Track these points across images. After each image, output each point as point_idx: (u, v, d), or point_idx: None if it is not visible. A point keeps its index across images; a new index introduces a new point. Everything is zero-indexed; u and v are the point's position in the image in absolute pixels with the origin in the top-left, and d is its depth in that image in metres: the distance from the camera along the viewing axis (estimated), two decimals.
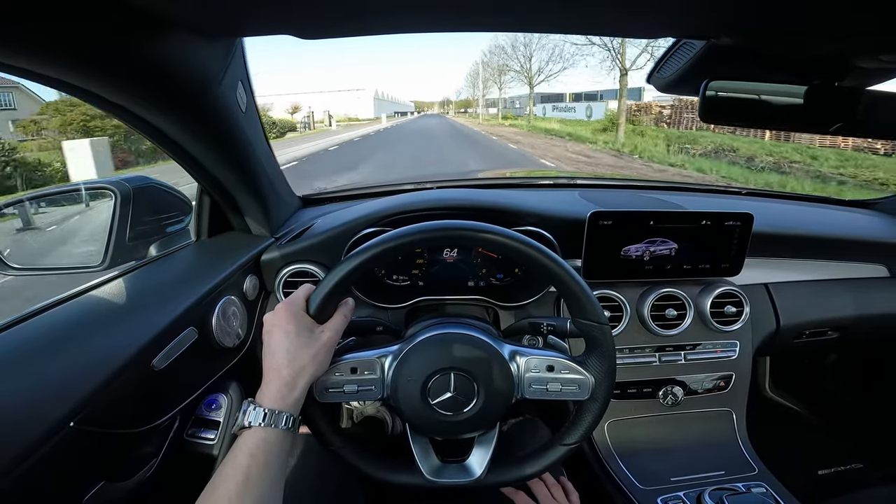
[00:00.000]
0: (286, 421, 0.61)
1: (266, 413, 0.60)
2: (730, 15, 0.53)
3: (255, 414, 0.60)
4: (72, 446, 0.59)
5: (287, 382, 0.63)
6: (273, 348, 0.65)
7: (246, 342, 1.02)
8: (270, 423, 0.60)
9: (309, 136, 31.87)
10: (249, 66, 0.82)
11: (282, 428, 0.61)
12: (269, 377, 0.64)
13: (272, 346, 0.66)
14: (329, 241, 1.09)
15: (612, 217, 1.06)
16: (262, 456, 0.58)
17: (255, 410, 0.61)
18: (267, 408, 0.61)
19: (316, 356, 0.66)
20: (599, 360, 0.73)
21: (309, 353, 0.66)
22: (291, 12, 0.53)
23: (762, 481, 1.03)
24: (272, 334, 0.66)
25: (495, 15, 0.56)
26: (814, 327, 1.27)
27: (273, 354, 0.65)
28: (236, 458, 0.58)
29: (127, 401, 0.68)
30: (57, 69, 0.52)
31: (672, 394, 1.15)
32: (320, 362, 0.67)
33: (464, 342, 0.74)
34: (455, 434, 0.77)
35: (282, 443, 0.61)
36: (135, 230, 1.06)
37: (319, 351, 0.67)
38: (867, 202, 1.58)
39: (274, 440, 0.60)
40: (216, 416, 0.96)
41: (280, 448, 0.61)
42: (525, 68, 36.33)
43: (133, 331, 0.73)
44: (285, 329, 0.66)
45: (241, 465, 0.57)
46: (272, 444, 0.60)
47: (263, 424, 0.60)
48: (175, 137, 0.77)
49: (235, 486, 0.55)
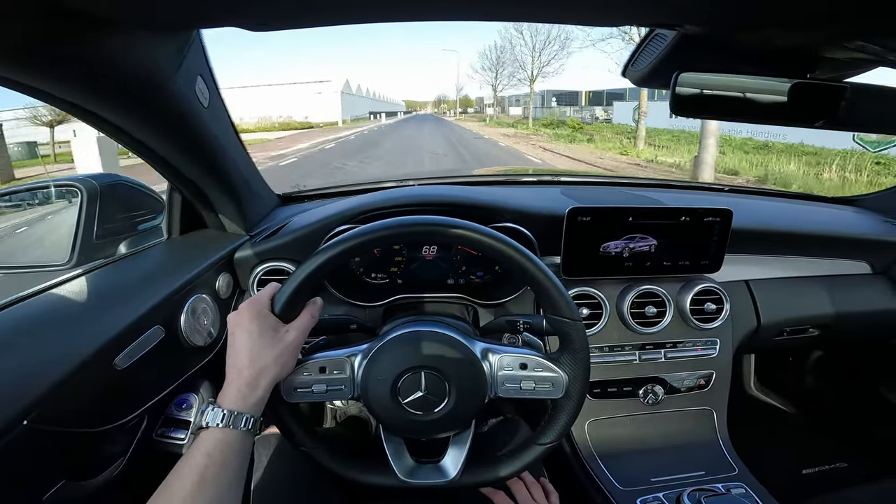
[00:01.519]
0: (245, 422, 0.60)
1: (225, 414, 0.59)
2: (691, 2, 0.52)
3: (214, 414, 0.59)
4: (26, 445, 0.58)
5: (248, 383, 0.62)
6: (236, 348, 0.64)
7: (219, 341, 1.00)
8: (229, 424, 0.59)
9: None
10: (210, 60, 0.80)
11: (241, 429, 0.60)
12: (230, 377, 0.63)
13: (235, 346, 0.64)
14: (304, 239, 1.07)
15: (591, 213, 1.05)
16: (220, 456, 0.58)
17: (214, 411, 0.60)
18: (226, 408, 0.60)
19: (279, 357, 0.65)
20: (573, 357, 0.72)
21: (272, 354, 0.65)
22: (244, 1, 0.52)
23: (742, 482, 1.02)
24: (235, 334, 0.65)
25: (455, 3, 0.55)
26: (795, 325, 1.26)
27: (235, 354, 0.64)
28: (193, 457, 0.57)
29: (86, 399, 0.67)
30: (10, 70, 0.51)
31: (653, 392, 1.14)
32: (283, 363, 0.66)
33: (434, 340, 0.73)
34: (428, 434, 0.76)
35: (240, 444, 0.60)
36: (103, 228, 1.04)
37: (283, 351, 0.66)
38: (850, 199, 1.58)
39: (232, 441, 0.59)
40: (186, 415, 0.94)
41: (238, 449, 0.60)
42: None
43: (94, 329, 0.71)
44: (248, 329, 0.65)
45: (197, 465, 0.56)
46: (230, 445, 0.59)
47: (222, 425, 0.59)
48: (136, 135, 0.75)
49: (190, 486, 0.54)
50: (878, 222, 1.40)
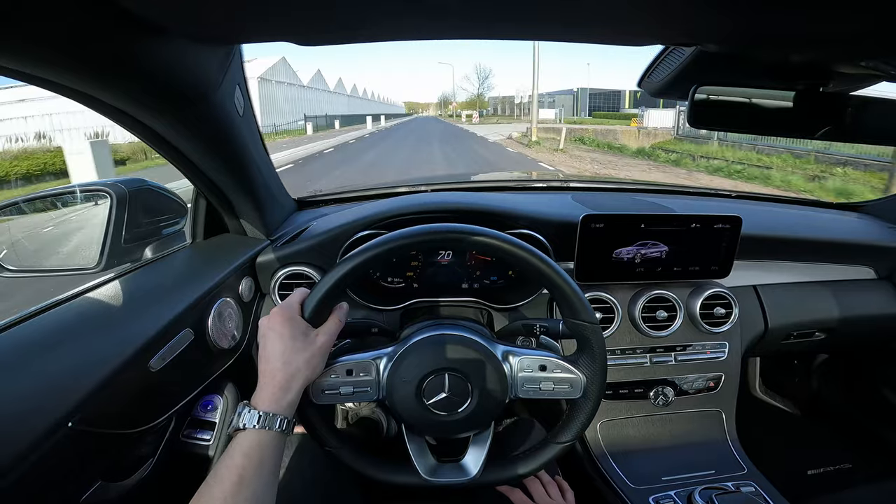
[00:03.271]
0: (280, 423, 0.63)
1: (261, 416, 0.62)
2: (711, 24, 0.55)
3: (250, 416, 0.62)
4: (70, 447, 0.59)
5: (281, 386, 0.65)
6: (268, 352, 0.67)
7: (241, 344, 1.03)
8: (265, 426, 0.62)
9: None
10: (245, 70, 0.82)
11: (276, 430, 0.62)
12: (264, 380, 0.66)
13: (267, 350, 0.67)
14: (324, 244, 1.10)
15: (604, 220, 1.08)
16: (257, 457, 0.60)
17: (250, 413, 0.62)
18: (262, 410, 0.62)
19: (310, 360, 0.68)
20: (591, 359, 0.75)
21: (303, 357, 0.67)
22: (291, 19, 0.54)
23: (751, 480, 1.05)
24: (267, 338, 0.68)
25: (479, 23, 0.57)
26: (801, 328, 1.29)
27: (268, 358, 0.66)
28: (232, 458, 0.59)
29: (124, 402, 0.69)
30: (51, 71, 0.53)
31: (663, 394, 1.16)
32: (315, 366, 0.69)
33: (457, 343, 0.75)
34: (450, 434, 0.79)
35: (276, 444, 0.63)
36: (130, 232, 1.06)
37: (314, 355, 0.68)
38: (855, 205, 1.60)
39: (268, 442, 0.62)
40: (212, 417, 0.97)
41: (274, 449, 0.63)
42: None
43: (130, 332, 0.74)
44: (280, 333, 0.67)
45: (236, 466, 0.58)
46: (266, 446, 0.61)
47: (258, 427, 0.61)
48: (172, 140, 0.77)
49: (231, 486, 0.56)
50: (883, 228, 1.42)
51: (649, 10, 0.51)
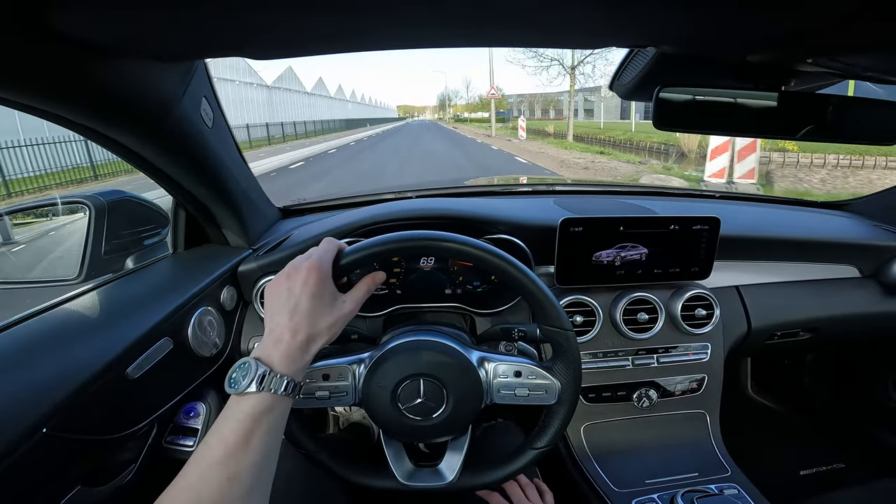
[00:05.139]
0: (294, 389, 0.58)
1: (277, 378, 0.56)
2: (659, 26, 0.56)
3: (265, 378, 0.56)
4: (46, 452, 0.60)
5: (301, 346, 0.60)
6: (291, 306, 0.61)
7: (224, 351, 1.04)
8: (280, 389, 0.56)
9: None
10: (213, 81, 0.83)
11: (290, 396, 0.58)
12: (279, 335, 0.60)
13: (291, 304, 0.61)
14: (304, 252, 1.10)
15: (583, 223, 1.08)
16: (266, 422, 0.55)
17: (264, 373, 0.56)
18: (279, 372, 0.57)
19: (332, 326, 0.64)
20: (565, 366, 0.75)
21: (328, 322, 0.63)
22: (246, 35, 0.55)
23: (735, 482, 1.04)
24: (293, 292, 0.62)
25: (443, 31, 0.58)
26: (785, 328, 1.29)
27: (290, 313, 0.61)
28: (238, 420, 0.53)
29: (101, 408, 0.70)
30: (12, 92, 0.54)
31: (646, 396, 1.16)
32: (334, 333, 0.65)
33: (432, 349, 0.76)
34: (426, 438, 0.79)
35: (285, 411, 0.59)
36: (110, 243, 1.07)
37: (337, 321, 0.65)
38: (839, 203, 1.61)
39: (281, 408, 0.57)
40: (194, 423, 0.97)
41: (283, 417, 0.58)
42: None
43: (107, 341, 0.75)
44: (313, 291, 0.62)
45: (243, 429, 0.53)
46: (277, 412, 0.57)
47: (273, 390, 0.56)
48: (142, 154, 0.79)
49: (235, 447, 0.52)
50: (867, 226, 1.43)
51: (603, 12, 0.52)
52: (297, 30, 0.53)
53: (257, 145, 23.51)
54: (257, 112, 33.85)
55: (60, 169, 10.82)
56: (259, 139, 25.44)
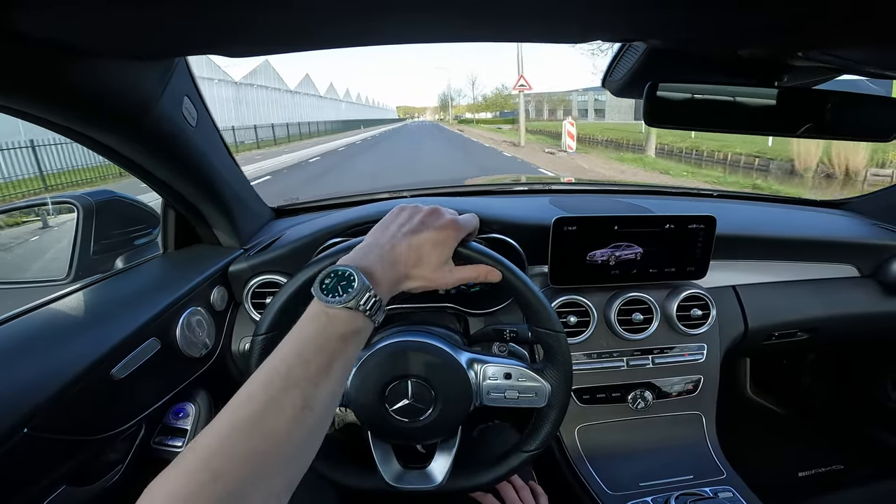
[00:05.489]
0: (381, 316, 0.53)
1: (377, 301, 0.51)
2: (641, 18, 0.54)
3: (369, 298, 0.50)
4: (27, 452, 0.60)
5: (398, 279, 0.57)
6: (414, 236, 0.58)
7: (214, 352, 1.03)
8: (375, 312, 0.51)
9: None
10: (196, 79, 0.82)
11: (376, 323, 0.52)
12: (387, 253, 0.56)
13: (415, 234, 0.59)
14: (297, 251, 1.10)
15: (577, 223, 1.07)
16: (353, 345, 0.50)
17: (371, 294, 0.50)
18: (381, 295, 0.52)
19: (423, 280, 0.60)
20: (555, 368, 0.74)
21: (426, 274, 0.59)
22: (222, 33, 0.54)
23: (729, 485, 1.03)
24: (426, 225, 0.60)
25: (421, 27, 0.57)
26: (783, 329, 1.27)
27: (409, 240, 0.58)
28: (327, 338, 0.47)
29: (85, 408, 0.70)
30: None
31: (641, 398, 1.15)
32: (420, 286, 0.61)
33: (421, 350, 0.75)
34: (415, 440, 0.78)
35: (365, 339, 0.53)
36: (99, 243, 1.07)
37: (431, 281, 0.61)
38: (838, 202, 1.59)
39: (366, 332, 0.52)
40: (183, 424, 0.97)
41: (363, 342, 0.53)
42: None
43: (92, 341, 0.74)
44: (438, 239, 0.60)
45: (330, 350, 0.47)
46: (362, 336, 0.51)
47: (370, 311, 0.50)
48: (126, 154, 0.78)
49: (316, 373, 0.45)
50: (866, 225, 1.41)
51: (588, 4, 0.51)
52: (273, 25, 0.52)
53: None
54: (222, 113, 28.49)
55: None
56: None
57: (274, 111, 37.24)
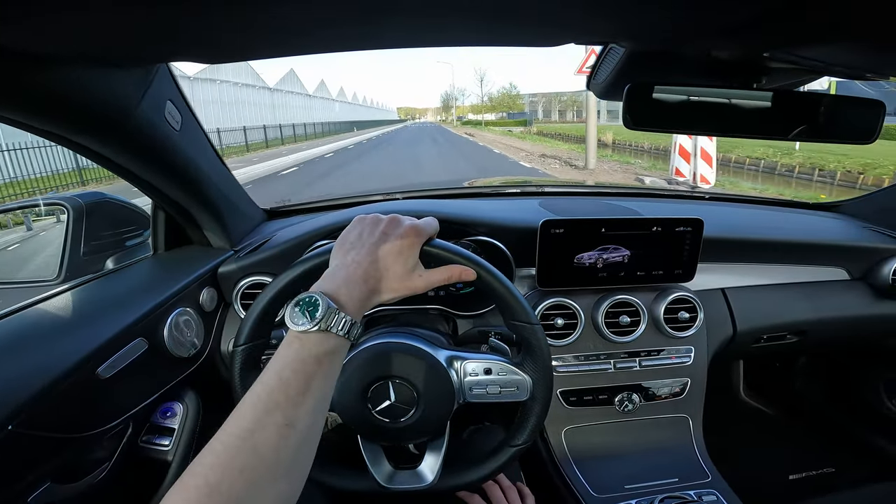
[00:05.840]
0: (357, 333, 0.54)
1: (347, 322, 0.52)
2: (614, 22, 0.55)
3: (338, 320, 0.52)
4: (11, 448, 0.61)
5: (368, 294, 0.58)
6: (375, 250, 0.59)
7: (203, 352, 1.04)
8: (346, 331, 0.52)
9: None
10: (179, 83, 0.83)
11: (351, 340, 0.54)
12: (351, 274, 0.57)
13: (376, 248, 0.59)
14: (286, 253, 1.10)
15: (564, 225, 1.07)
16: (328, 365, 0.51)
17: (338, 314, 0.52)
18: (351, 316, 0.53)
19: (396, 292, 0.61)
20: (534, 361, 0.74)
21: (395, 286, 0.60)
22: (201, 40, 0.55)
23: (714, 489, 1.03)
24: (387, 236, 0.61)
25: (401, 33, 0.58)
26: (772, 331, 1.27)
27: (370, 255, 0.59)
28: (302, 361, 0.49)
29: (71, 407, 0.70)
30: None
31: (629, 400, 1.15)
32: (389, 298, 0.61)
33: (401, 351, 0.75)
34: (400, 440, 0.79)
35: (343, 355, 0.55)
36: (90, 244, 1.08)
37: (403, 290, 0.61)
38: (829, 205, 1.59)
39: (341, 352, 0.53)
40: (171, 423, 0.98)
41: (341, 361, 0.54)
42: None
43: (78, 341, 0.75)
44: (402, 247, 0.60)
45: (306, 372, 0.49)
46: (338, 356, 0.53)
47: (341, 331, 0.52)
48: (112, 158, 0.79)
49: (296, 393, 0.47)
50: (856, 228, 1.41)
51: (554, 5, 0.51)
52: (259, 30, 0.53)
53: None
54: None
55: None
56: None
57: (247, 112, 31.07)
